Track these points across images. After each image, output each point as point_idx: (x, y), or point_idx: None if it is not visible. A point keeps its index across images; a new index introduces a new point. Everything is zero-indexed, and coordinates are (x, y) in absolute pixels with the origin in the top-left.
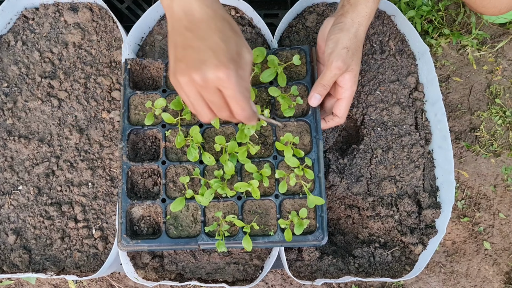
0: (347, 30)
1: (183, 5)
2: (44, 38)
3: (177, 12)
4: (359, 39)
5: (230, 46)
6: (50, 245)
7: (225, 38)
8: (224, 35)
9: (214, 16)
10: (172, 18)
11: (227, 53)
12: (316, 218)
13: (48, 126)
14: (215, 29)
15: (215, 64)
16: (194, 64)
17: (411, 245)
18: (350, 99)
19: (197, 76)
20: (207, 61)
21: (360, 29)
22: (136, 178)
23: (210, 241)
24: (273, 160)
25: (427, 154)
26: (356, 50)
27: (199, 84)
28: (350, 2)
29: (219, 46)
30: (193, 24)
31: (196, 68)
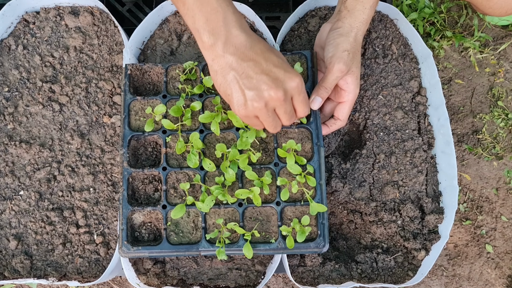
0: (346, 35)
1: (230, 41)
2: (45, 42)
3: (224, 51)
4: (358, 43)
5: (283, 58)
6: (51, 251)
7: (277, 53)
8: (274, 52)
9: (258, 40)
10: (218, 58)
11: (288, 64)
12: (317, 225)
13: (49, 131)
14: (268, 48)
15: (288, 77)
16: (269, 84)
17: (414, 250)
18: (352, 102)
19: (279, 93)
20: (280, 77)
21: (358, 34)
22: (137, 184)
23: (211, 248)
24: (274, 167)
25: (430, 159)
26: (356, 53)
27: (280, 100)
28: (347, 7)
29: (280, 61)
30: (246, 54)
31: (275, 87)
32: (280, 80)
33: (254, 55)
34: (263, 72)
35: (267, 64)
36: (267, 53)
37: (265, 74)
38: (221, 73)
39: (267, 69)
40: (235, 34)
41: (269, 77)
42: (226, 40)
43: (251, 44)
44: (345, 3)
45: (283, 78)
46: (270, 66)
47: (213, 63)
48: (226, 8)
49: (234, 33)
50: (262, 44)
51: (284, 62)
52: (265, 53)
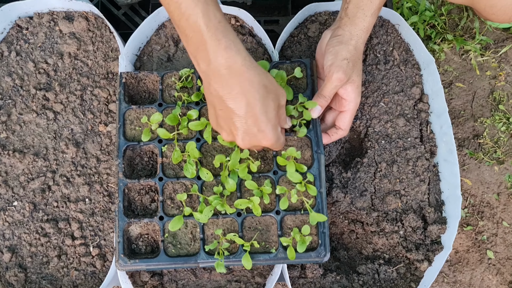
0: (346, 43)
1: (217, 75)
2: (38, 48)
3: (213, 81)
4: (358, 51)
5: (269, 115)
6: (46, 263)
7: (264, 107)
8: (263, 106)
9: (252, 85)
10: (208, 83)
11: (267, 123)
12: (318, 234)
13: (43, 140)
14: (253, 101)
15: (261, 137)
16: (238, 135)
17: (417, 261)
18: (354, 111)
19: (242, 143)
20: (250, 133)
21: (359, 42)
22: (133, 195)
23: (210, 260)
24: (273, 175)
25: (432, 167)
26: (356, 62)
27: (243, 146)
28: (348, 15)
29: (260, 120)
30: (231, 96)
31: (241, 139)
32: (250, 137)
33: (236, 103)
34: (238, 123)
35: (246, 119)
36: (251, 106)
37: (239, 124)
38: (207, 92)
39: (242, 123)
40: (222, 74)
41: (241, 130)
42: (214, 73)
43: (238, 90)
44: (346, 10)
45: (255, 136)
46: (248, 122)
47: (204, 82)
48: (217, 42)
49: (221, 72)
50: (251, 93)
51: (264, 120)
52: (249, 105)
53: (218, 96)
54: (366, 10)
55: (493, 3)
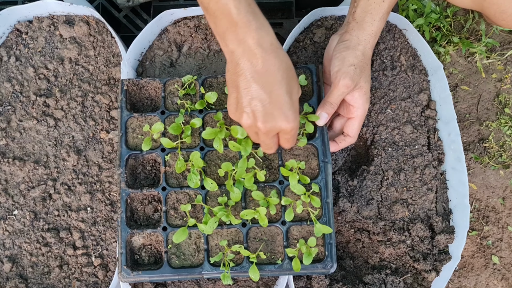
0: (354, 48)
1: (248, 55)
2: (38, 54)
3: (242, 59)
4: (366, 57)
5: (293, 97)
6: (47, 274)
7: (289, 90)
8: (288, 86)
9: (279, 67)
10: (234, 63)
11: (291, 106)
12: (324, 246)
13: (44, 147)
14: (280, 81)
15: (282, 119)
16: (260, 116)
17: (424, 271)
18: (362, 117)
19: (264, 127)
20: (273, 115)
21: (367, 47)
22: (136, 205)
23: (215, 271)
24: (279, 185)
25: (439, 175)
26: (364, 67)
27: (263, 131)
28: (355, 19)
29: (284, 100)
30: (258, 76)
31: (263, 121)
32: (272, 119)
33: (263, 83)
34: (261, 103)
35: (270, 98)
36: (277, 86)
37: (261, 105)
38: (232, 73)
39: (265, 103)
40: (253, 53)
41: (263, 111)
42: (244, 53)
43: (266, 70)
44: (354, 14)
45: (277, 118)
46: (271, 102)
47: (229, 63)
48: (247, 23)
49: (252, 51)
50: (278, 74)
51: (288, 101)
52: (275, 85)
53: (245, 75)
54: (374, 14)
55: (504, 9)
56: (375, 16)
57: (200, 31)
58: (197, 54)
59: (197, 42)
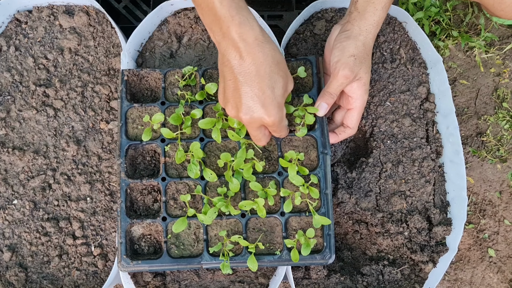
0: (354, 38)
1: (232, 48)
2: (38, 43)
3: (227, 52)
4: (367, 48)
5: (276, 91)
6: (47, 263)
7: (272, 84)
8: (271, 81)
9: (262, 61)
10: (222, 54)
11: (273, 100)
12: (323, 237)
13: (43, 137)
14: (263, 75)
15: (262, 113)
16: (242, 107)
17: (421, 263)
18: (361, 109)
19: (244, 117)
20: (253, 108)
21: (368, 37)
22: (136, 195)
23: (214, 261)
24: (278, 176)
25: (438, 168)
26: (364, 58)
27: (245, 123)
28: (357, 9)
29: (266, 94)
30: (242, 69)
31: (244, 113)
32: (253, 111)
33: (246, 75)
34: (244, 95)
35: (252, 91)
36: (260, 80)
37: (244, 97)
38: (220, 63)
39: (247, 96)
40: (236, 46)
41: (245, 103)
42: (228, 46)
43: (249, 63)
44: (356, 4)
45: (258, 111)
46: (253, 95)
47: (219, 53)
48: (230, 19)
49: (236, 45)
50: (261, 67)
51: (270, 95)
52: (257, 78)
53: (230, 66)
54: (376, 3)
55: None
56: (377, 5)
57: (200, 22)
58: (197, 45)
59: (197, 33)
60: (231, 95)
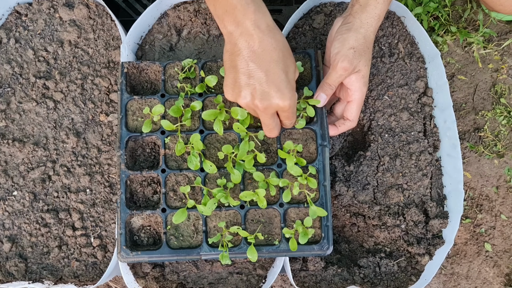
0: (355, 31)
1: (245, 36)
2: (38, 36)
3: (240, 40)
4: (368, 40)
5: (289, 75)
6: (47, 254)
7: (285, 68)
8: (284, 65)
9: (275, 46)
10: (232, 44)
11: (288, 84)
12: (321, 228)
13: (43, 129)
14: (276, 60)
15: (278, 97)
16: (257, 94)
17: (418, 255)
18: (360, 101)
19: (261, 104)
20: (270, 93)
21: (369, 30)
22: (135, 186)
23: (213, 252)
24: (277, 168)
25: (435, 161)
26: (364, 51)
27: (260, 109)
28: (359, 2)
29: (281, 78)
30: (256, 55)
31: (261, 98)
32: (269, 96)
33: (260, 61)
34: (258, 81)
35: (267, 76)
36: (274, 65)
37: (258, 83)
38: (230, 53)
39: (262, 81)
40: (250, 34)
41: (260, 89)
42: (242, 34)
43: (262, 49)
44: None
45: (274, 95)
46: (268, 80)
47: (227, 44)
48: (245, 6)
49: (250, 32)
50: (274, 53)
51: (285, 79)
52: (271, 63)
53: (242, 55)
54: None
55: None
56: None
57: (200, 15)
58: (197, 38)
59: (196, 26)
60: (245, 84)
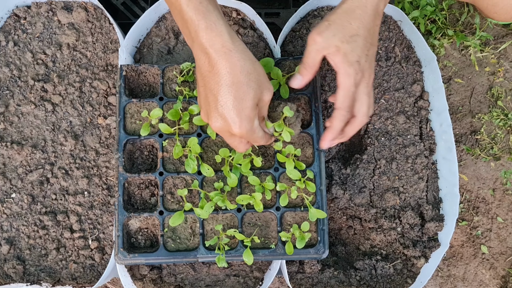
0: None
1: (202, 52)
2: (36, 39)
3: (197, 57)
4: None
5: (245, 103)
6: (45, 256)
7: (240, 95)
8: (239, 92)
9: (229, 71)
10: (195, 59)
11: (240, 112)
12: (317, 231)
13: (41, 132)
14: (229, 85)
15: (228, 123)
16: (211, 115)
17: (414, 258)
18: (346, 86)
19: (214, 125)
20: (220, 118)
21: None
22: (133, 189)
23: (209, 255)
24: (274, 172)
25: (431, 165)
26: (344, 25)
27: (215, 130)
28: None
29: (231, 105)
30: (211, 77)
31: (213, 121)
32: (219, 119)
33: (212, 83)
34: (210, 104)
35: (217, 102)
36: (225, 90)
37: (210, 105)
38: (195, 67)
39: (212, 105)
40: (205, 52)
41: (212, 110)
42: (198, 50)
43: (214, 72)
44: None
45: (224, 120)
46: (218, 105)
47: None
48: (196, 23)
49: (205, 51)
50: (228, 77)
51: (236, 106)
52: (223, 88)
53: (200, 72)
54: None
55: (496, 2)
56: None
57: None
58: None
59: None
60: (203, 102)
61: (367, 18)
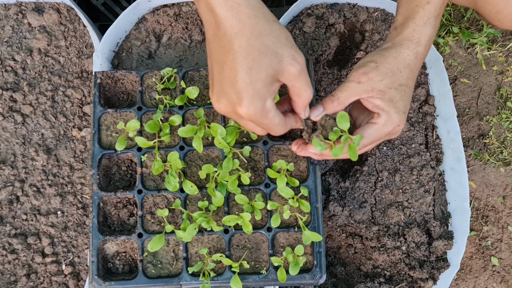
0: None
1: (209, 11)
2: (5, 44)
3: (204, 19)
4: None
5: (254, 74)
6: (14, 283)
7: (249, 63)
8: (247, 59)
9: (238, 30)
10: (204, 21)
11: (247, 85)
12: (313, 254)
13: (11, 146)
14: (238, 50)
15: (232, 99)
16: (214, 92)
17: (420, 280)
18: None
19: (216, 105)
20: (223, 93)
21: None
22: (109, 209)
23: (194, 281)
24: (265, 188)
25: (438, 176)
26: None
27: (220, 112)
28: (395, 24)
29: (238, 76)
30: (217, 42)
31: (216, 99)
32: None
33: (220, 49)
34: (215, 76)
35: (224, 69)
36: (234, 56)
37: (215, 79)
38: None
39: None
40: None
41: (217, 87)
42: (205, 12)
43: (223, 31)
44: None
45: (230, 99)
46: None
47: None
48: None
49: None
50: (237, 38)
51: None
52: (231, 53)
53: (207, 38)
54: (417, 19)
55: (499, 9)
56: (417, 21)
57: (181, 20)
58: (178, 45)
59: (177, 32)
60: (210, 77)
61: (417, 68)
